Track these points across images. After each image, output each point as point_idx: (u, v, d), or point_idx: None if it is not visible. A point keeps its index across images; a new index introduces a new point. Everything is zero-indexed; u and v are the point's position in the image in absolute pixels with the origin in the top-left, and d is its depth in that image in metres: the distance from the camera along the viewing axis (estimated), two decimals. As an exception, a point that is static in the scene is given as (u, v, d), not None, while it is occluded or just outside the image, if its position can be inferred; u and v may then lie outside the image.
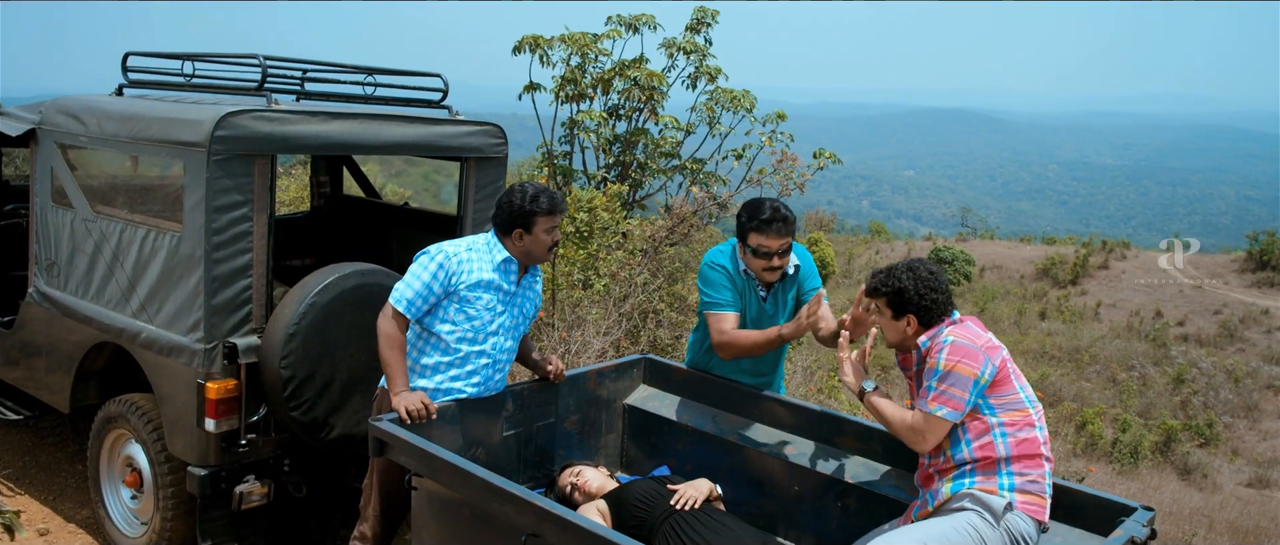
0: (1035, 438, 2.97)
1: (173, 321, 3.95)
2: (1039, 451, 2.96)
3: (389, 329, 3.47)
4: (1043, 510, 2.94)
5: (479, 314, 3.59)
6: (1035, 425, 2.99)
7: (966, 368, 2.95)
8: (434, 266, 3.52)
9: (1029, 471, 2.94)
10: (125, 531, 4.41)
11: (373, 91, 4.66)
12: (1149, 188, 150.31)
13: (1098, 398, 27.26)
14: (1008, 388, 2.99)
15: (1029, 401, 3.02)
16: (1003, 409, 2.97)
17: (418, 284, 3.50)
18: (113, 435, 4.42)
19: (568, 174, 13.27)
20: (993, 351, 3.01)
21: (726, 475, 3.80)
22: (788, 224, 3.72)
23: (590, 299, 9.25)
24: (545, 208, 3.57)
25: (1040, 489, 2.94)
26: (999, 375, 2.98)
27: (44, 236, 4.67)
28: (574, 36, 13.14)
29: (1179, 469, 20.63)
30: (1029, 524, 2.90)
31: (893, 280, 3.14)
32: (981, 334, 3.05)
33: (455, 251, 3.56)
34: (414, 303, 3.50)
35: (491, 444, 3.70)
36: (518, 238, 3.60)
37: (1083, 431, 21.36)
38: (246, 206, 3.84)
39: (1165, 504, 14.86)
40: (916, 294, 3.09)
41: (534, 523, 2.81)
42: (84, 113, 4.41)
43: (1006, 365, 3.02)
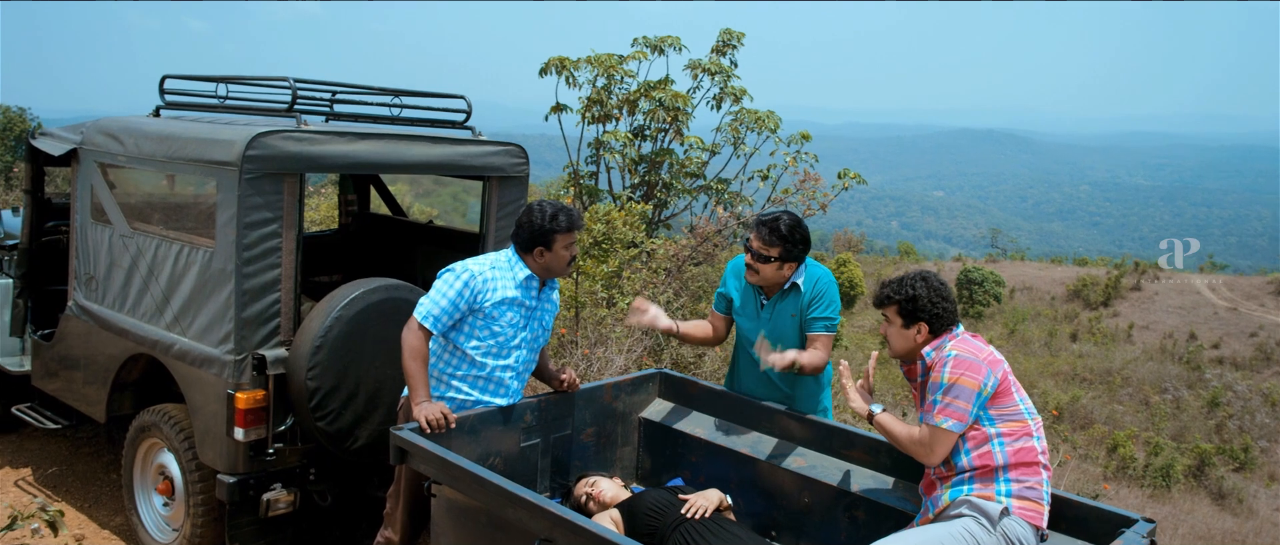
0: (1033, 447, 3.03)
1: (204, 334, 4.10)
2: (1037, 460, 3.02)
3: (413, 342, 3.59)
4: (1040, 516, 2.99)
5: (502, 330, 3.72)
6: (1033, 435, 3.05)
7: (970, 380, 3.02)
8: (459, 284, 3.64)
9: (1026, 479, 3.00)
10: (157, 538, 4.54)
11: (399, 113, 4.80)
12: (1183, 208, 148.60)
13: (1130, 420, 26.97)
14: (1008, 399, 3.06)
15: (1028, 413, 3.08)
16: (1001, 420, 3.03)
17: (443, 301, 3.62)
18: (146, 444, 4.56)
19: (593, 194, 13.43)
20: (995, 364, 3.07)
21: (739, 487, 3.88)
22: (773, 234, 3.80)
23: (614, 317, 9.34)
24: (564, 225, 3.70)
25: (1038, 496, 3.00)
26: (1000, 387, 3.05)
27: (83, 252, 4.85)
28: (600, 58, 13.33)
29: (1213, 493, 20.35)
30: (1026, 529, 2.96)
31: (905, 288, 3.22)
32: (983, 348, 3.12)
33: (480, 270, 3.68)
34: (439, 319, 3.62)
35: (509, 454, 3.80)
36: (538, 255, 3.73)
37: (1114, 454, 21.14)
38: (276, 223, 3.98)
39: (1197, 529, 14.70)
40: (929, 302, 3.17)
41: (547, 528, 2.90)
42: (123, 133, 4.59)
43: (1007, 377, 3.09)
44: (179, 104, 4.77)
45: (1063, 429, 23.29)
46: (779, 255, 3.83)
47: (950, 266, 52.77)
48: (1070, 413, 26.98)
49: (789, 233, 3.80)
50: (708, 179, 13.78)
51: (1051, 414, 22.34)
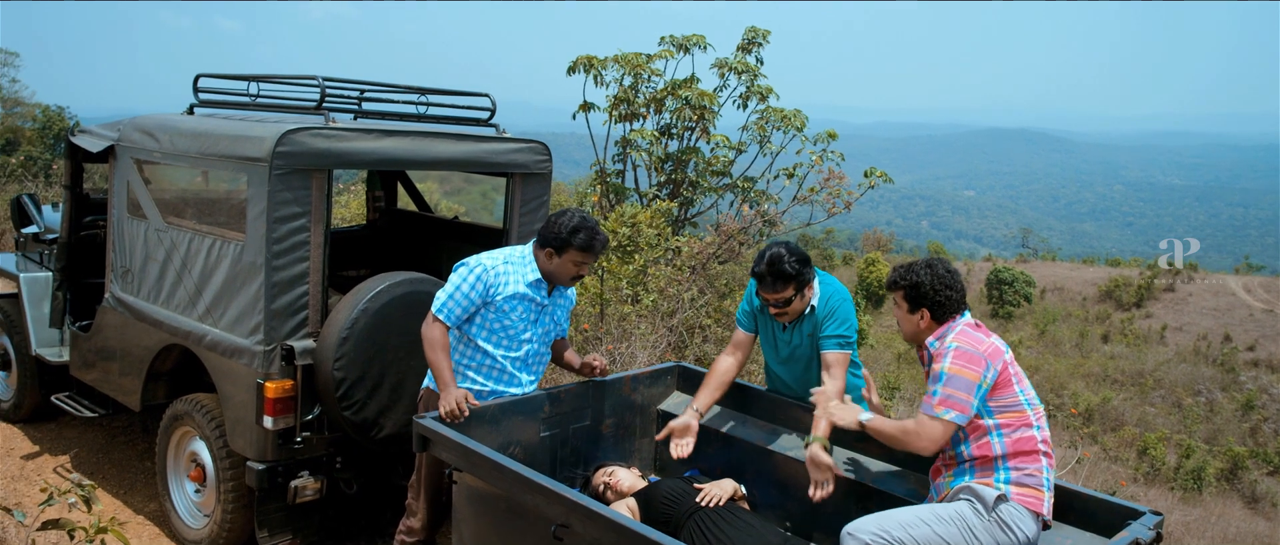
0: (1032, 436, 3.07)
1: (235, 325, 4.22)
2: (1036, 449, 3.06)
3: (433, 334, 3.70)
4: (1040, 502, 3.03)
5: (513, 324, 3.82)
6: (1032, 425, 3.09)
7: (970, 372, 3.07)
8: (473, 278, 3.75)
9: (1025, 466, 3.05)
10: (189, 523, 4.68)
11: (425, 110, 4.91)
12: (1219, 209, 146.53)
13: (1161, 423, 26.70)
14: (1007, 391, 3.09)
15: (1027, 403, 3.12)
16: (1000, 411, 3.08)
17: (458, 294, 3.73)
18: (179, 432, 4.70)
19: (620, 192, 13.51)
20: (995, 356, 3.12)
21: (754, 477, 3.95)
22: (779, 279, 3.74)
23: (638, 313, 9.42)
24: (581, 244, 3.76)
25: (1037, 482, 3.04)
26: (1000, 379, 3.09)
27: (120, 245, 5.00)
28: (627, 57, 13.40)
29: (1246, 497, 20.14)
30: (1023, 514, 3.00)
31: (911, 275, 3.29)
32: (985, 339, 3.16)
33: (493, 264, 3.79)
34: (454, 312, 3.73)
35: (529, 443, 3.89)
36: (547, 257, 3.81)
37: (1145, 457, 20.96)
38: (305, 218, 4.10)
39: (1228, 532, 14.56)
40: (932, 289, 3.23)
41: (563, 514, 2.99)
42: (158, 130, 4.73)
43: (1007, 369, 3.13)
44: (212, 102, 4.91)
45: (1092, 430, 23.12)
46: (794, 291, 3.79)
47: (980, 266, 52.39)
48: (1101, 414, 26.76)
49: (792, 268, 3.74)
50: (734, 177, 13.81)
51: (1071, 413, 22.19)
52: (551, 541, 3.05)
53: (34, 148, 23.40)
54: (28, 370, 5.88)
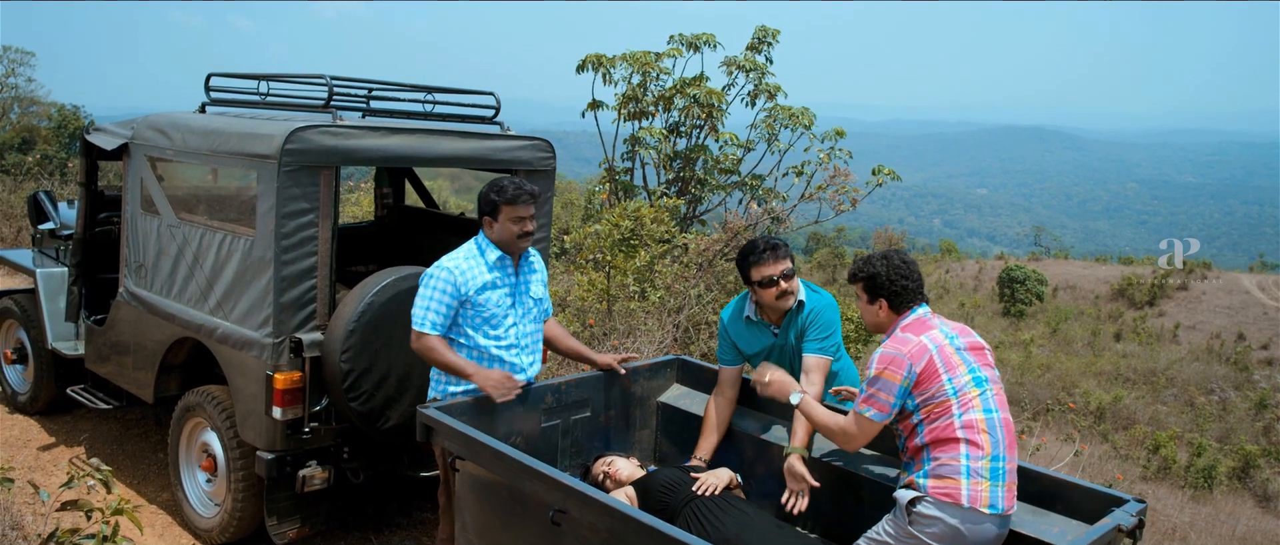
0: (951, 424, 3.09)
1: (245, 318, 4.33)
2: (955, 436, 3.08)
3: (429, 344, 3.79)
4: (956, 491, 3.03)
5: (494, 312, 3.92)
6: (952, 413, 3.11)
7: (892, 374, 3.16)
8: (443, 284, 3.83)
9: (941, 456, 3.08)
10: (201, 512, 4.79)
11: (432, 109, 5.00)
12: (1234, 207, 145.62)
13: (1173, 422, 26.61)
14: (933, 383, 3.14)
15: (954, 392, 3.13)
16: (924, 404, 3.15)
17: (434, 303, 3.82)
18: (191, 423, 4.81)
19: (629, 189, 13.59)
20: (918, 355, 3.15)
21: (751, 469, 4.03)
22: (778, 250, 3.97)
23: (645, 309, 9.51)
24: (507, 197, 3.86)
25: (953, 471, 3.05)
26: (923, 375, 3.14)
27: (133, 241, 5.12)
28: (635, 56, 13.48)
29: (1258, 495, 20.07)
30: (939, 506, 3.03)
31: (868, 267, 3.38)
32: (912, 339, 3.20)
33: (455, 264, 3.87)
34: (436, 321, 3.81)
35: (530, 434, 3.99)
36: (489, 226, 3.92)
37: (1156, 455, 20.92)
38: (313, 213, 4.20)
39: (1238, 530, 14.53)
40: (887, 280, 3.31)
41: (561, 499, 3.08)
42: (170, 128, 4.85)
43: (934, 362, 3.15)
44: (223, 100, 5.02)
45: (1104, 428, 23.09)
46: (792, 262, 4.00)
47: (993, 265, 52.26)
48: (1113, 413, 26.70)
49: (781, 241, 3.99)
50: (742, 175, 13.87)
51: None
52: (549, 527, 3.14)
53: (49, 146, 23.61)
54: (44, 363, 6.01)
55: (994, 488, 3.05)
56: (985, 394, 3.16)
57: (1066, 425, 21.49)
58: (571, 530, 3.11)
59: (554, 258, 13.61)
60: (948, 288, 50.28)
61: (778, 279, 3.96)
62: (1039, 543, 3.13)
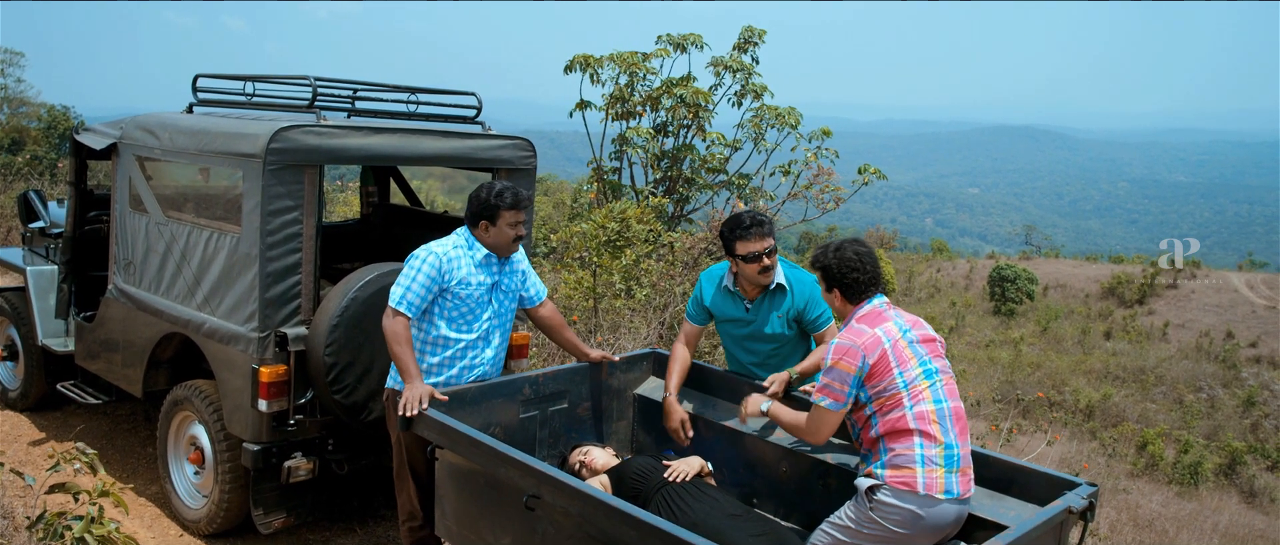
0: (903, 416, 3.21)
1: (232, 313, 4.44)
2: (908, 428, 3.20)
3: (395, 328, 3.84)
4: (913, 480, 3.15)
5: (471, 307, 4.02)
6: (904, 406, 3.23)
7: (846, 365, 3.29)
8: (428, 267, 3.91)
9: (896, 446, 3.21)
10: (189, 504, 4.89)
11: (415, 109, 5.11)
12: (1224, 205, 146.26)
13: (1162, 419, 26.80)
14: (886, 376, 3.26)
15: (904, 384, 3.25)
16: (877, 397, 3.27)
17: (416, 284, 3.89)
18: (179, 417, 4.91)
19: (617, 189, 13.71)
20: (871, 346, 3.28)
21: (723, 457, 4.15)
22: (763, 226, 4.09)
23: (631, 308, 9.62)
24: (509, 202, 3.98)
25: (909, 461, 3.17)
26: (875, 367, 3.27)
27: (122, 238, 5.22)
28: (623, 56, 13.59)
29: (1244, 492, 20.24)
30: (898, 494, 3.15)
31: (822, 257, 3.52)
32: (866, 331, 3.32)
33: (443, 250, 3.96)
34: (413, 302, 3.89)
35: (509, 424, 4.10)
36: (484, 230, 4.01)
37: (1143, 452, 21.09)
38: (297, 211, 4.31)
39: (1221, 525, 14.68)
40: (838, 272, 3.45)
41: (535, 485, 3.20)
42: (158, 128, 4.95)
43: (886, 355, 3.27)
44: (210, 101, 5.12)
45: (1092, 425, 23.27)
46: (774, 241, 4.14)
47: (984, 264, 52.47)
48: (1102, 410, 26.88)
49: (766, 218, 4.12)
50: (729, 174, 14.00)
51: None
52: (524, 512, 3.26)
53: (39, 147, 23.64)
54: (34, 360, 6.11)
55: (949, 475, 3.17)
56: (935, 386, 3.28)
57: (1055, 423, 21.67)
58: (545, 515, 3.23)
59: (541, 257, 13.71)
60: (939, 287, 50.45)
61: (762, 255, 4.08)
62: (995, 525, 3.25)
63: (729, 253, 4.17)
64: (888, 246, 59.73)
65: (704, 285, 4.41)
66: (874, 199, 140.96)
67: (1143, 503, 13.81)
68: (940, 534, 3.20)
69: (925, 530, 3.17)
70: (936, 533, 3.19)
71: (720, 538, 3.19)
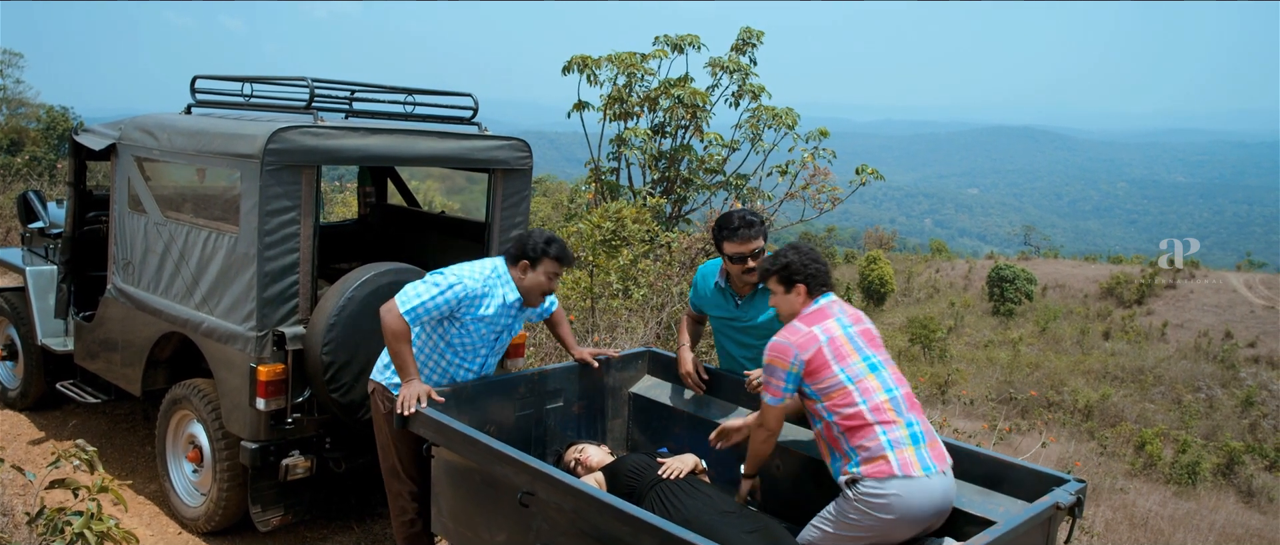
0: (859, 410, 3.30)
1: (230, 312, 4.47)
2: (867, 421, 3.29)
3: (398, 326, 3.82)
4: (888, 466, 3.23)
5: (474, 343, 4.05)
6: (856, 401, 3.32)
7: (779, 361, 3.43)
8: (449, 294, 3.88)
9: (863, 439, 3.29)
10: (187, 502, 4.93)
11: (412, 110, 5.15)
12: (1223, 206, 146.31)
13: (1161, 419, 26.84)
14: (826, 372, 3.37)
15: (849, 379, 3.35)
16: (825, 393, 3.37)
17: (431, 304, 3.86)
18: (178, 416, 4.95)
19: (615, 189, 13.74)
20: (805, 345, 3.40)
21: (718, 455, 4.17)
22: (752, 227, 4.13)
23: (629, 308, 9.65)
24: (556, 254, 4.01)
25: (878, 448, 3.25)
26: (812, 363, 3.38)
27: (121, 239, 5.25)
28: (621, 57, 13.63)
29: (1242, 492, 20.27)
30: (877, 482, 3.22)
31: (780, 259, 3.61)
32: (803, 329, 3.45)
33: (474, 285, 3.93)
34: (419, 315, 3.86)
35: (505, 423, 4.13)
36: (522, 269, 4.02)
37: (1141, 452, 21.12)
38: (295, 211, 4.34)
39: (1218, 524, 14.72)
40: (801, 265, 3.56)
41: (529, 482, 3.24)
42: (157, 129, 4.98)
43: (823, 352, 3.38)
44: (208, 102, 5.16)
45: (1090, 425, 23.30)
46: (763, 242, 4.17)
47: (982, 264, 52.50)
48: (1100, 410, 26.92)
49: (754, 218, 4.16)
50: (727, 174, 14.03)
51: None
52: (519, 508, 3.30)
53: (38, 148, 23.65)
54: (34, 360, 6.14)
55: (918, 450, 3.27)
56: (881, 376, 3.39)
57: (1053, 423, 21.70)
58: (539, 511, 3.26)
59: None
60: (938, 287, 50.48)
61: (747, 257, 4.13)
62: (985, 521, 3.29)
63: (719, 250, 4.23)
64: (887, 247, 59.76)
65: (699, 281, 4.51)
66: (873, 199, 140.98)
67: (1140, 502, 13.84)
68: (927, 518, 3.26)
69: (911, 512, 3.22)
70: (922, 516, 3.24)
71: (713, 534, 3.21)
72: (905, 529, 3.25)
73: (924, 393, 16.48)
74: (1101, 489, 13.59)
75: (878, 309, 45.00)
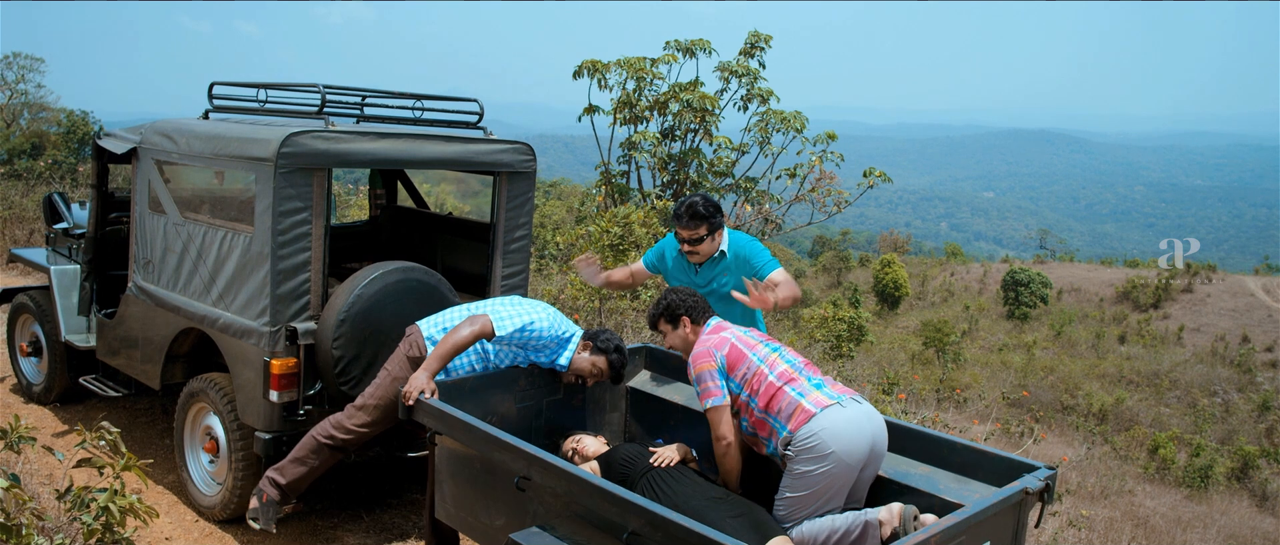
0: (771, 383, 3.71)
1: (245, 309, 4.68)
2: (778, 388, 3.67)
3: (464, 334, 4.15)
4: (804, 412, 3.58)
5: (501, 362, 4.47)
6: (767, 376, 3.73)
7: (705, 364, 3.83)
8: (539, 326, 4.32)
9: (779, 403, 3.65)
10: (204, 491, 5.13)
11: (420, 115, 5.35)
12: (1242, 209, 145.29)
13: (1176, 423, 26.78)
14: (741, 362, 3.79)
15: (759, 360, 3.79)
16: (744, 383, 3.77)
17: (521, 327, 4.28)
18: (195, 408, 5.16)
19: (624, 192, 13.92)
20: (720, 345, 3.86)
21: (710, 446, 4.34)
22: (694, 218, 4.57)
23: (636, 309, 9.82)
24: (613, 362, 4.40)
25: (792, 403, 3.62)
26: (731, 357, 3.82)
27: (141, 238, 5.47)
28: (631, 61, 13.80)
29: (1256, 495, 20.24)
30: (806, 429, 3.55)
31: (660, 304, 4.10)
32: (711, 336, 3.90)
33: (554, 330, 4.37)
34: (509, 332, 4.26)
35: (506, 414, 4.32)
36: (588, 351, 4.41)
37: (1155, 456, 21.13)
38: (307, 212, 4.54)
39: (1228, 528, 14.76)
40: (679, 301, 4.09)
41: (525, 467, 3.42)
42: (176, 133, 5.20)
43: (736, 347, 3.85)
44: (225, 107, 5.37)
45: (1103, 429, 23.31)
46: (707, 231, 4.60)
47: (998, 268, 52.39)
48: (1115, 414, 26.90)
49: (705, 210, 4.56)
50: (736, 178, 14.19)
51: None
52: (516, 493, 3.48)
53: (59, 152, 24.03)
54: (57, 356, 6.37)
55: (824, 391, 3.64)
56: (782, 352, 3.82)
57: (1068, 426, 21.73)
58: (535, 495, 3.45)
59: (548, 258, 13.93)
60: (952, 291, 50.47)
61: (686, 240, 4.64)
62: (958, 505, 3.44)
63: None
64: (901, 251, 59.70)
65: (666, 244, 4.95)
66: (889, 203, 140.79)
67: (1147, 503, 13.91)
68: (864, 444, 3.56)
69: (844, 441, 3.51)
70: (857, 443, 3.53)
71: (699, 517, 3.38)
72: (853, 461, 3.53)
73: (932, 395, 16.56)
74: (1110, 491, 13.65)
75: (892, 312, 45.06)
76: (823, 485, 3.51)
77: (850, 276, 51.32)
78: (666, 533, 2.92)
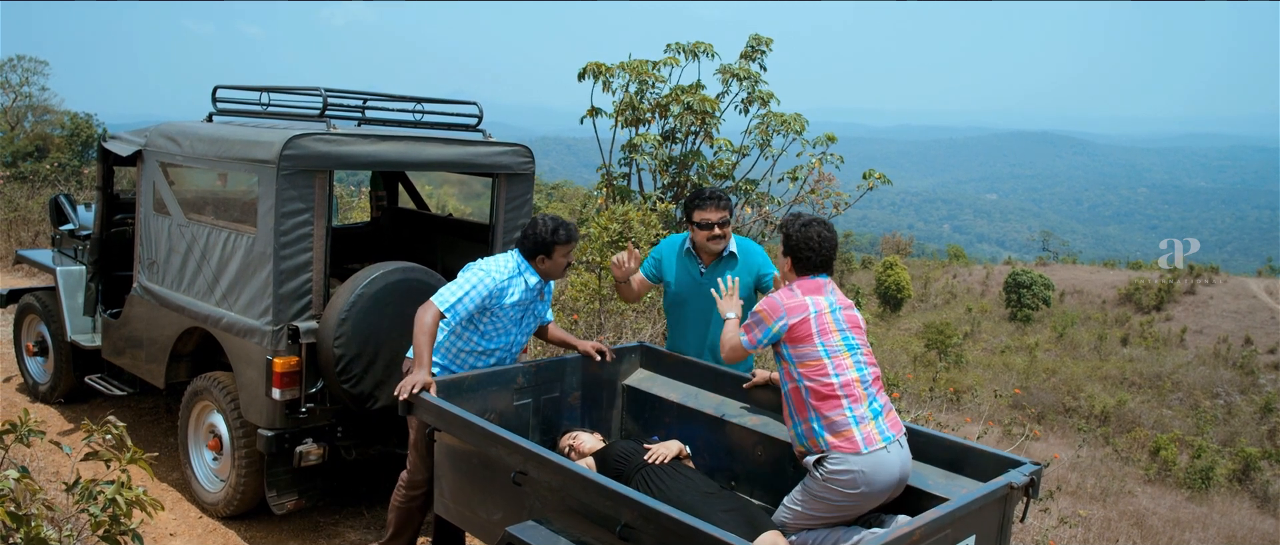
0: (831, 383, 3.58)
1: (248, 308, 4.76)
2: (835, 393, 3.57)
3: (427, 319, 4.11)
4: (854, 442, 3.50)
5: (504, 324, 4.39)
6: (830, 373, 3.60)
7: (766, 317, 3.75)
8: (483, 288, 4.23)
9: (830, 414, 3.56)
10: (208, 488, 5.22)
11: (421, 117, 5.43)
12: (1246, 211, 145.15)
13: (1178, 425, 26.80)
14: (807, 345, 3.66)
15: (826, 353, 3.63)
16: (800, 360, 3.66)
17: (467, 299, 4.20)
18: (199, 406, 5.24)
19: (625, 194, 13.99)
20: (795, 310, 3.70)
21: (705, 443, 4.43)
22: (720, 201, 4.69)
23: (636, 309, 9.89)
24: (563, 238, 4.34)
25: (845, 423, 3.53)
26: (797, 331, 3.67)
27: (146, 239, 5.56)
28: (633, 64, 13.89)
29: (1257, 497, 20.26)
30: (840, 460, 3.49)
31: (789, 225, 3.94)
32: (796, 296, 3.75)
33: (500, 278, 4.28)
34: (457, 310, 4.19)
35: (504, 411, 4.39)
36: (540, 261, 4.37)
37: (1156, 457, 21.17)
38: (308, 213, 4.62)
39: (1226, 528, 14.80)
40: (794, 244, 3.88)
41: (522, 462, 3.49)
42: (180, 136, 5.29)
43: (809, 323, 3.67)
44: (228, 110, 5.46)
45: (1105, 430, 23.35)
46: (729, 214, 4.71)
47: (1000, 270, 52.42)
48: (1117, 416, 26.93)
49: (724, 196, 4.68)
50: (737, 180, 14.25)
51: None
52: (512, 487, 3.55)
53: (63, 154, 24.12)
54: (63, 355, 6.46)
55: (878, 423, 3.56)
56: (856, 356, 3.66)
57: (1070, 430, 21.77)
58: (532, 490, 3.52)
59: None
60: (955, 292, 50.51)
61: (713, 224, 4.64)
62: (944, 499, 3.51)
63: (687, 220, 4.73)
64: (904, 253, 59.71)
65: (664, 249, 4.97)
66: (891, 205, 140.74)
67: (1145, 504, 13.96)
68: (888, 489, 3.53)
69: (875, 485, 3.49)
70: (885, 488, 3.51)
71: (693, 512, 3.45)
72: (870, 501, 3.51)
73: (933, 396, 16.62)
74: (1110, 492, 13.70)
75: (894, 314, 45.11)
76: (836, 514, 3.55)
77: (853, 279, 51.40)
78: (659, 525, 2.99)
